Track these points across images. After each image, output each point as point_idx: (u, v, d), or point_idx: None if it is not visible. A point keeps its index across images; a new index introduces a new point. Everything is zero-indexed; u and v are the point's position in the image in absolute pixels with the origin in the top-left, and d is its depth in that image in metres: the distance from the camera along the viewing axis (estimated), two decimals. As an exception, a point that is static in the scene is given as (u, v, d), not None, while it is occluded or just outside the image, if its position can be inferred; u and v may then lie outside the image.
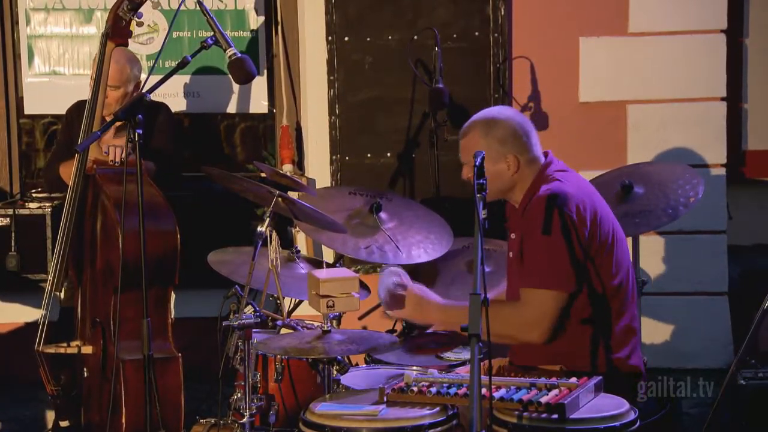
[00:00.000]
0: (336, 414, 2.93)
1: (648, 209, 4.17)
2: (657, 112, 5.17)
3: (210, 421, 3.48)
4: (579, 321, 3.23)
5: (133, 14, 4.00)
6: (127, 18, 4.00)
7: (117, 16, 4.01)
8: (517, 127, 3.35)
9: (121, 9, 3.99)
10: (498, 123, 3.35)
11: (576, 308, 3.23)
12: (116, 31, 4.02)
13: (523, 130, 3.36)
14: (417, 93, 5.04)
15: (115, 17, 4.01)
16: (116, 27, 4.01)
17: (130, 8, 3.99)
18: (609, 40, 5.14)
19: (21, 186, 5.36)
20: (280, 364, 3.53)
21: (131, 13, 4.00)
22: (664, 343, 5.18)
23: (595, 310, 3.24)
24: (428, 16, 5.02)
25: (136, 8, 3.99)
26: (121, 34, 4.03)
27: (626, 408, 2.89)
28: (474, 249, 2.68)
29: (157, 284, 3.82)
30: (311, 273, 3.26)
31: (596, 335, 3.22)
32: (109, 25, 4.02)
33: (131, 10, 3.99)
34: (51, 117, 5.32)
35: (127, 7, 3.99)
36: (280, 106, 5.34)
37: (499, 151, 3.32)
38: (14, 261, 4.96)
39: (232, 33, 5.22)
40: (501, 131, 3.33)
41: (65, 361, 4.14)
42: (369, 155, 5.12)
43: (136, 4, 3.99)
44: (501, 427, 2.84)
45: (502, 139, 3.32)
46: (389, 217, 4.07)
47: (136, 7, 4.00)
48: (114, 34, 4.02)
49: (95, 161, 3.99)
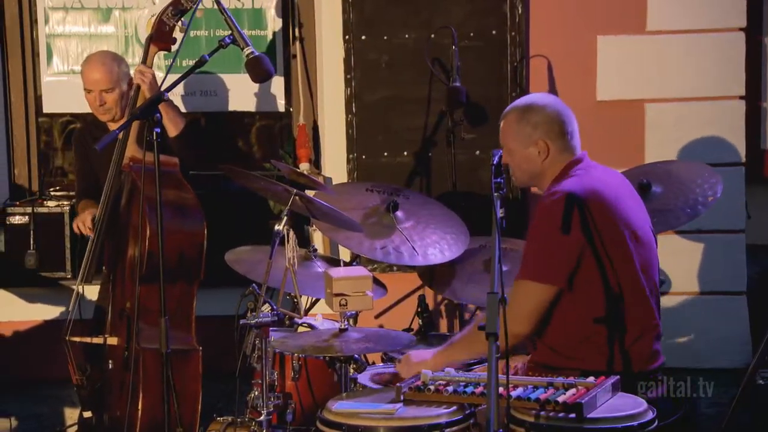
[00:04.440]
0: (353, 412, 2.93)
1: (666, 208, 4.15)
2: (675, 110, 5.15)
3: (227, 419, 3.49)
4: (593, 320, 3.22)
5: (178, 20, 4.11)
6: (171, 24, 4.10)
7: (162, 21, 4.11)
8: (553, 114, 3.35)
9: (165, 14, 4.10)
10: (534, 108, 3.37)
11: (589, 307, 3.21)
12: (160, 36, 4.12)
13: (560, 118, 3.36)
14: (434, 92, 5.04)
15: (160, 22, 4.11)
16: (160, 32, 4.11)
17: (175, 14, 4.10)
18: (627, 38, 5.12)
19: (40, 184, 5.40)
20: (297, 362, 3.54)
21: (175, 19, 4.11)
22: (682, 342, 5.16)
23: (609, 309, 3.22)
24: (445, 15, 5.01)
25: (180, 14, 4.11)
26: (164, 39, 4.14)
27: (644, 407, 2.88)
28: (492, 248, 2.68)
29: (183, 279, 3.90)
30: (327, 271, 3.27)
31: (612, 335, 3.21)
32: (154, 30, 4.11)
33: (175, 16, 4.10)
34: (69, 116, 5.35)
35: (172, 13, 4.09)
36: (297, 104, 5.35)
37: (531, 135, 3.33)
38: (33, 259, 5.00)
39: (250, 32, 5.23)
40: (536, 116, 3.34)
41: (92, 354, 4.19)
42: (385, 154, 5.12)
43: (181, 11, 4.08)
44: (518, 426, 2.84)
45: (535, 124, 3.33)
46: (406, 216, 4.07)
47: (181, 14, 4.10)
48: (157, 38, 4.13)
49: (131, 158, 4.06)
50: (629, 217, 3.30)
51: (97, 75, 4.42)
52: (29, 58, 5.32)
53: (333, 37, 5.11)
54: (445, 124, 5.00)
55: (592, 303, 3.22)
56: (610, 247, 3.22)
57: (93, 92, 4.45)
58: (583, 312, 3.22)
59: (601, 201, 3.24)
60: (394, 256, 3.92)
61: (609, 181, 3.37)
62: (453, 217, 4.17)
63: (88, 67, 4.47)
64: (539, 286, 3.18)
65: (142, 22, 5.10)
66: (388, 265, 4.86)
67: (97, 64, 4.45)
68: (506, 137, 3.40)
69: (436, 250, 4.00)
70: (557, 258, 3.17)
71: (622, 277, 3.23)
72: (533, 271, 3.19)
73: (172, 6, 4.09)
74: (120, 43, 5.26)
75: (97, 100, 4.43)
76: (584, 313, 3.22)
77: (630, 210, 3.32)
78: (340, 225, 3.71)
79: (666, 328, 4.93)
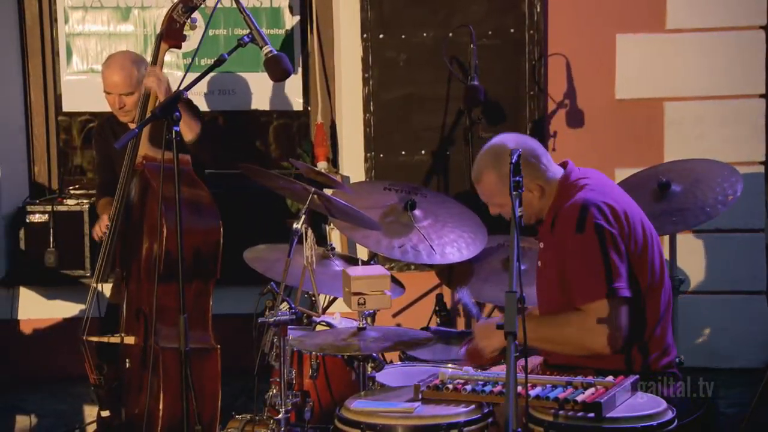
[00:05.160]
0: (371, 411, 2.93)
1: (685, 207, 4.12)
2: (694, 109, 5.12)
3: (246, 417, 3.50)
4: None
5: (188, 17, 4.09)
6: (182, 21, 4.08)
7: (172, 19, 4.08)
8: (527, 154, 3.24)
9: (175, 12, 4.07)
10: (504, 158, 3.18)
11: None
12: (170, 34, 4.10)
13: (533, 155, 3.29)
14: (452, 90, 5.04)
15: (170, 20, 4.08)
16: (170, 29, 4.09)
17: (185, 11, 4.07)
18: (646, 36, 5.10)
19: (59, 182, 5.42)
20: (315, 360, 3.55)
21: (185, 16, 4.08)
22: (701, 342, 5.14)
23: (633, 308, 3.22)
24: (463, 13, 5.01)
25: (190, 11, 4.08)
26: (174, 36, 4.12)
27: (663, 407, 2.86)
28: (510, 246, 2.68)
29: (199, 277, 3.90)
30: (345, 270, 3.27)
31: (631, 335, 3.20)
32: (164, 27, 4.10)
33: (185, 13, 4.07)
34: (88, 114, 5.37)
35: (182, 10, 4.07)
36: (315, 103, 5.35)
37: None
38: (52, 257, 5.03)
39: (268, 31, 5.24)
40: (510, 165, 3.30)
41: (109, 354, 4.21)
42: (403, 152, 5.12)
43: (191, 8, 4.06)
44: (537, 425, 2.83)
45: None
46: (423, 215, 4.07)
47: (191, 11, 4.08)
48: (168, 36, 4.11)
49: (144, 157, 4.06)
50: (638, 214, 3.31)
51: (117, 79, 4.43)
52: (49, 57, 5.35)
53: (351, 36, 5.12)
54: (463, 123, 5.00)
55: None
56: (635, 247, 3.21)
57: (113, 95, 4.47)
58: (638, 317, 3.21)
59: (620, 203, 3.24)
60: (412, 254, 3.92)
61: (610, 182, 3.39)
62: (471, 216, 4.16)
63: (109, 71, 4.47)
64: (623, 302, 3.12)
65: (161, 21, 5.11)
66: (405, 263, 4.86)
67: (117, 68, 4.44)
68: (493, 196, 3.31)
69: (453, 248, 3.99)
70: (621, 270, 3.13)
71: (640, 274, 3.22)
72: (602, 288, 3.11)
73: (181, 3, 4.08)
74: (139, 42, 5.28)
75: (117, 102, 4.45)
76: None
77: (635, 207, 3.33)
78: (359, 223, 3.71)
79: (685, 327, 4.94)
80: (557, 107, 5.12)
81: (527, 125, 5.07)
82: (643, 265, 3.23)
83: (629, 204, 3.31)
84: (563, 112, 5.13)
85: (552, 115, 5.14)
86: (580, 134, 5.14)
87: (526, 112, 5.07)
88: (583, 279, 3.16)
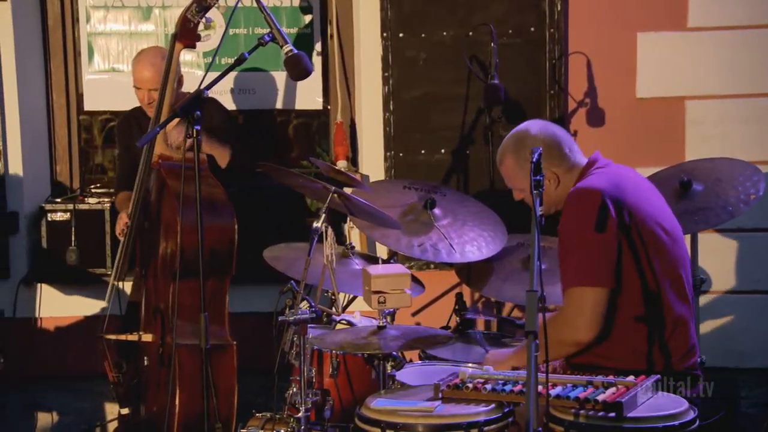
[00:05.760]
0: (392, 410, 2.93)
1: (707, 206, 4.10)
2: (716, 107, 5.10)
3: (266, 416, 3.50)
4: (633, 319, 3.19)
5: (202, 16, 4.08)
6: (195, 20, 4.08)
7: (186, 18, 4.08)
8: (546, 140, 3.30)
9: (189, 11, 4.07)
10: (526, 143, 3.31)
11: (629, 306, 3.19)
12: (184, 33, 4.10)
13: (554, 141, 3.31)
14: (471, 89, 5.03)
15: (184, 19, 4.08)
16: (184, 29, 4.09)
17: (199, 10, 4.07)
18: (667, 35, 5.08)
19: (81, 181, 5.45)
20: (335, 359, 3.55)
21: (199, 15, 4.08)
22: (722, 342, 5.11)
23: (648, 307, 3.20)
24: (483, 12, 5.00)
25: (204, 11, 4.07)
26: (189, 35, 4.11)
27: (685, 407, 2.85)
28: (531, 245, 2.67)
29: (215, 274, 3.91)
30: (365, 269, 3.27)
31: (652, 333, 3.18)
32: (178, 27, 4.10)
33: (199, 13, 4.07)
34: (110, 113, 5.40)
35: (196, 10, 4.07)
36: (335, 102, 5.36)
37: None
38: (74, 255, 5.06)
39: (287, 30, 5.25)
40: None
41: (128, 351, 4.23)
42: (423, 152, 5.12)
43: (205, 7, 4.06)
44: (557, 424, 2.82)
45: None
46: (443, 214, 4.06)
47: (205, 10, 4.07)
48: (182, 35, 4.11)
49: (160, 156, 4.08)
50: (655, 210, 3.28)
51: (147, 74, 4.45)
52: (71, 57, 5.38)
53: (371, 35, 5.12)
54: (483, 122, 4.99)
55: (632, 301, 3.19)
56: (645, 241, 3.19)
57: (142, 90, 4.49)
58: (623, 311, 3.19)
59: (627, 194, 3.22)
60: (432, 253, 3.91)
61: (628, 175, 3.36)
62: (491, 215, 4.15)
63: (139, 66, 4.50)
64: (592, 290, 3.12)
65: (178, 21, 5.14)
66: (425, 262, 4.85)
67: (147, 63, 4.47)
68: (512, 180, 3.38)
69: (473, 247, 3.99)
70: (599, 258, 3.14)
71: (659, 273, 3.20)
72: (582, 277, 3.13)
73: (195, 3, 4.08)
74: (159, 41, 5.30)
75: (146, 98, 4.48)
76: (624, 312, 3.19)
77: (655, 203, 3.30)
78: (379, 222, 3.71)
79: (707, 327, 4.92)
80: (577, 106, 5.11)
81: (547, 124, 5.06)
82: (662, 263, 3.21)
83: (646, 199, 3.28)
84: (583, 111, 5.11)
85: (572, 114, 5.13)
86: (600, 133, 5.12)
87: (547, 111, 5.06)
88: (565, 262, 3.17)
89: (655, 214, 3.27)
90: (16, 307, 5.07)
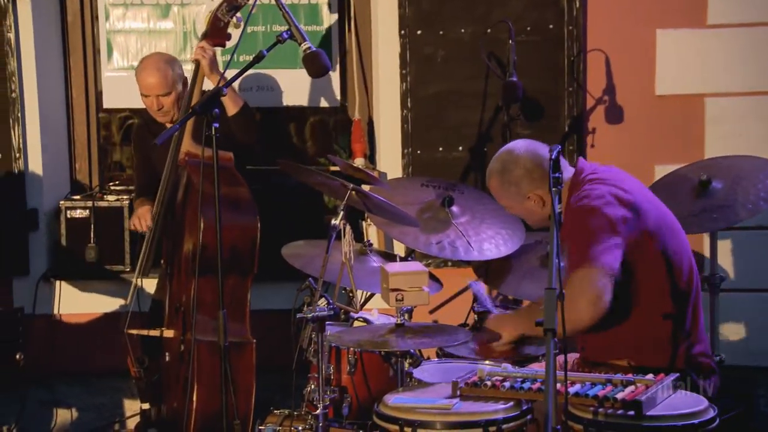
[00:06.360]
0: (410, 407, 2.93)
1: (726, 204, 4.08)
2: (736, 105, 5.06)
3: (284, 412, 3.52)
4: (660, 316, 3.18)
5: (232, 15, 4.10)
6: (226, 19, 4.10)
7: (216, 18, 4.10)
8: (528, 162, 3.36)
9: (220, 10, 4.09)
10: (509, 165, 3.40)
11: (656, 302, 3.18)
12: (214, 32, 4.13)
13: (536, 162, 3.35)
14: (489, 86, 5.02)
15: (215, 18, 4.10)
16: (214, 28, 4.11)
17: (229, 10, 4.08)
18: (687, 32, 5.05)
19: (100, 179, 5.47)
20: (353, 356, 3.55)
21: (230, 15, 4.10)
22: (741, 340, 5.08)
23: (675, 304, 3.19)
24: (502, 9, 4.98)
25: (235, 10, 4.09)
26: (219, 35, 4.14)
27: (705, 405, 2.84)
28: (550, 243, 2.67)
29: (236, 272, 3.94)
30: (383, 266, 3.27)
31: (676, 331, 3.18)
32: (208, 26, 4.12)
33: (230, 12, 4.08)
34: (129, 111, 5.41)
35: (226, 9, 4.09)
36: (352, 99, 5.36)
37: (519, 192, 3.39)
38: (93, 252, 5.08)
39: (306, 27, 5.25)
40: (513, 173, 3.38)
41: (151, 348, 4.26)
42: (441, 149, 5.11)
43: (235, 6, 4.07)
44: (576, 422, 2.82)
45: (517, 180, 3.38)
46: (461, 211, 4.06)
47: (235, 9, 4.08)
48: (212, 34, 4.13)
49: (187, 153, 4.10)
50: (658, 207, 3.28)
51: (153, 80, 4.47)
52: (90, 54, 5.40)
53: (388, 32, 5.11)
54: (501, 119, 4.98)
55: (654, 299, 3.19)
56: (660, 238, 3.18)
57: (150, 97, 4.51)
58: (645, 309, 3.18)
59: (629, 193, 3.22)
60: (450, 251, 3.91)
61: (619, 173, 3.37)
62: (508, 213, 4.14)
63: (143, 73, 4.51)
64: (593, 270, 3.09)
65: (201, 18, 5.14)
66: (442, 259, 4.85)
67: (152, 69, 4.48)
68: (500, 199, 3.50)
69: (491, 245, 3.98)
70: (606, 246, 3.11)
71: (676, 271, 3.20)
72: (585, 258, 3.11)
73: (226, 2, 4.10)
74: (178, 38, 5.31)
75: (155, 104, 4.50)
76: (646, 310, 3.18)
77: (654, 201, 3.30)
78: (396, 220, 3.71)
79: (725, 325, 4.89)
80: (596, 103, 5.09)
81: (565, 122, 5.05)
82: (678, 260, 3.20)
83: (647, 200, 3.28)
84: (602, 109, 5.09)
85: (591, 111, 5.11)
86: (619, 131, 5.10)
87: (565, 109, 5.04)
88: (568, 254, 3.17)
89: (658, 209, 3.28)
90: (36, 304, 5.10)
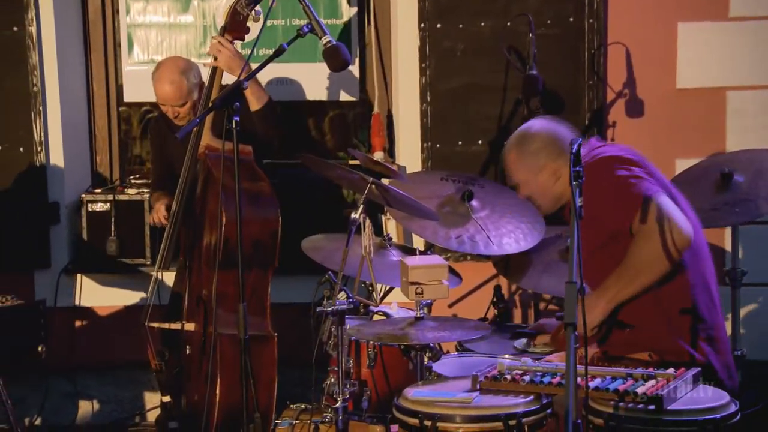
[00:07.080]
0: (430, 400, 2.94)
1: (748, 198, 4.06)
2: (758, 98, 5.03)
3: (300, 406, 3.53)
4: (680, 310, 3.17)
5: (251, 9, 4.08)
6: (245, 13, 4.09)
7: (235, 11, 4.09)
8: (547, 135, 3.43)
9: (239, 4, 4.08)
10: (527, 137, 3.47)
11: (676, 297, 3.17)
12: (233, 26, 4.12)
13: (555, 136, 3.42)
14: (510, 80, 5.00)
15: (234, 12, 4.09)
16: (234, 22, 4.10)
17: (248, 3, 4.07)
18: (708, 25, 5.02)
19: (120, 172, 5.50)
20: (372, 350, 3.56)
21: (249, 8, 4.08)
22: (763, 334, 5.05)
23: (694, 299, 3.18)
24: (521, 2, 4.97)
25: (254, 3, 4.07)
26: (238, 28, 4.13)
27: (726, 400, 2.83)
28: (570, 237, 2.66)
29: (258, 266, 3.95)
30: (403, 260, 3.27)
31: (695, 325, 3.16)
32: (227, 20, 4.11)
33: (249, 5, 4.07)
34: (149, 105, 5.43)
35: (245, 2, 4.07)
36: (372, 93, 5.36)
37: (536, 163, 3.43)
38: (114, 246, 5.10)
39: (325, 21, 5.24)
40: (532, 144, 3.44)
41: (172, 341, 4.28)
42: (460, 143, 5.10)
43: (254, 1, 4.05)
44: (596, 417, 2.81)
45: (536, 152, 3.43)
46: (481, 206, 4.05)
47: (254, 3, 4.06)
48: (231, 28, 4.12)
49: (207, 146, 4.11)
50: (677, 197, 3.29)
51: (168, 94, 4.46)
52: (111, 49, 5.42)
53: (408, 26, 5.10)
54: (521, 113, 4.96)
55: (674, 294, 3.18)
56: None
57: (165, 106, 4.52)
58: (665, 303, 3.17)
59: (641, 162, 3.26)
60: (469, 245, 3.90)
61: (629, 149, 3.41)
62: (528, 206, 4.13)
63: (159, 84, 4.49)
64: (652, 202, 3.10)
65: (221, 12, 5.14)
66: (462, 254, 4.84)
67: (167, 81, 4.45)
68: (515, 173, 3.53)
69: (511, 239, 3.97)
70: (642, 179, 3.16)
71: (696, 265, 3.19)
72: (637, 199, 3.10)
73: None
74: (198, 32, 5.33)
75: (171, 112, 4.52)
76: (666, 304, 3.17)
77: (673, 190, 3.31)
78: (416, 214, 3.71)
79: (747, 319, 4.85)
80: (617, 97, 5.06)
81: (586, 115, 5.03)
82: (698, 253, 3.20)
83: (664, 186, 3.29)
84: (623, 102, 5.07)
85: (611, 104, 5.08)
86: (639, 124, 5.08)
87: (585, 102, 5.02)
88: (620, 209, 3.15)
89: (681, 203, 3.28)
90: (57, 297, 5.13)
